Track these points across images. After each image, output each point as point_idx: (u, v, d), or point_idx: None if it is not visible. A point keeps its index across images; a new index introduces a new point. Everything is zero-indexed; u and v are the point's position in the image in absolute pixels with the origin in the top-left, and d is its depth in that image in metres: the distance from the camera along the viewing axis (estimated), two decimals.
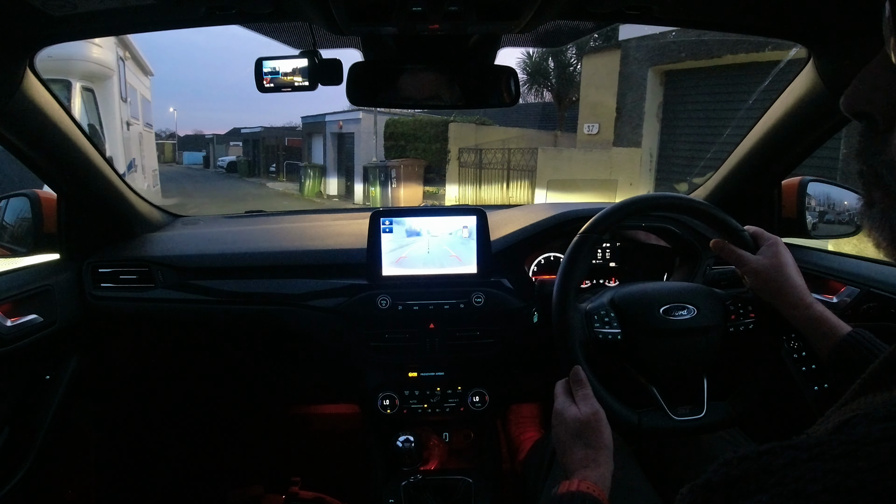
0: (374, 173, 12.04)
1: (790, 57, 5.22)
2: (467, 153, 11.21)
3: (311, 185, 15.98)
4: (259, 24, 0.95)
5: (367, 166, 12.76)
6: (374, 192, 12.04)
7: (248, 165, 26.60)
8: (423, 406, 1.20)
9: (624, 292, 0.95)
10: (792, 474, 0.26)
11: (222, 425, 1.65)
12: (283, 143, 24.59)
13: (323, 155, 17.00)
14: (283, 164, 22.47)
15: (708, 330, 0.90)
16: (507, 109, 15.67)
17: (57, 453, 1.16)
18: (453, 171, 11.44)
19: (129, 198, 1.25)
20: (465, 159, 11.20)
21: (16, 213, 1.15)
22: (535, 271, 1.33)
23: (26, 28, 0.81)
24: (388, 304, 1.14)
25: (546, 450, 1.05)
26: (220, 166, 28.92)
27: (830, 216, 1.23)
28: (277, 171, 23.27)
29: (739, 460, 0.29)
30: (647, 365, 0.90)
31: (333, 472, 1.53)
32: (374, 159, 13.13)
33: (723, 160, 1.31)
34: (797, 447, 0.28)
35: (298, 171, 18.18)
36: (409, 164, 11.83)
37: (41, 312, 1.04)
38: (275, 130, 26.95)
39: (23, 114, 0.91)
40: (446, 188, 11.59)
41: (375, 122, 13.71)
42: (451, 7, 0.77)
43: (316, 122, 17.45)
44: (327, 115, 16.17)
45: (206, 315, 1.21)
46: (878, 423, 0.28)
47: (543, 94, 14.87)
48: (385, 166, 11.95)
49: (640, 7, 0.84)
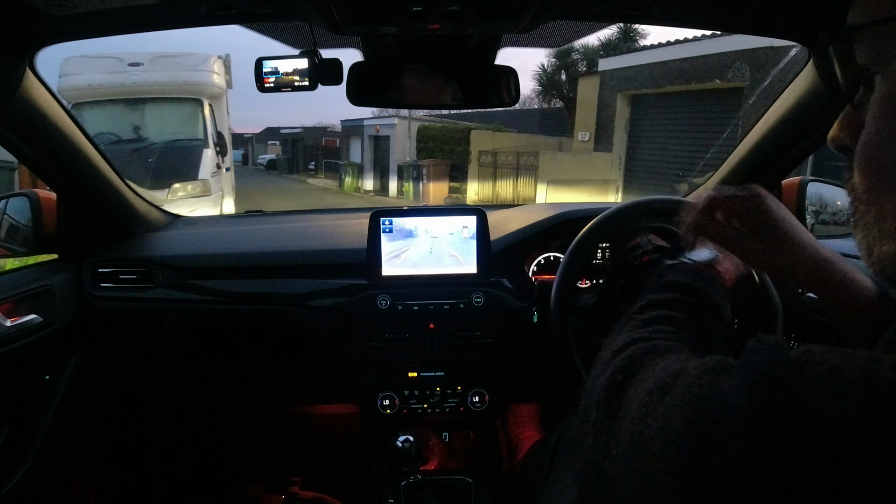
0: (408, 171, 14.13)
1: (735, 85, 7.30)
2: (485, 155, 13.07)
3: (350, 182, 17.84)
4: (259, 23, 0.95)
5: (401, 165, 14.81)
6: (407, 187, 14.04)
7: (288, 163, 28.03)
8: (422, 406, 1.20)
9: None
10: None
11: (222, 425, 1.65)
12: (320, 143, 26.03)
13: (360, 154, 18.76)
14: (322, 163, 24.03)
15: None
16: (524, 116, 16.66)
17: (56, 453, 1.16)
18: (474, 170, 13.32)
19: (129, 198, 1.25)
20: (484, 160, 13.08)
21: (15, 213, 1.15)
22: (535, 271, 1.33)
23: (26, 28, 0.81)
24: (388, 304, 1.14)
25: (546, 450, 1.05)
26: (259, 164, 30.36)
27: (830, 216, 1.23)
28: (316, 168, 24.90)
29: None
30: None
31: (333, 472, 1.53)
32: (407, 159, 15.04)
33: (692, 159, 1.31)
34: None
35: (336, 168, 20.28)
36: (437, 164, 13.80)
37: (41, 312, 1.04)
38: (313, 130, 28.41)
39: (23, 113, 0.90)
40: (468, 185, 13.43)
41: (409, 127, 15.67)
42: (451, 7, 0.77)
43: (355, 126, 19.35)
44: (365, 120, 17.99)
45: (206, 315, 1.21)
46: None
47: (555, 103, 16.10)
48: (417, 165, 13.95)
49: (640, 7, 0.84)
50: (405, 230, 1.15)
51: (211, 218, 1.55)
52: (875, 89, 0.35)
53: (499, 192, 12.34)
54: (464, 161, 13.78)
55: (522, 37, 0.98)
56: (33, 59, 0.88)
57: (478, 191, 12.96)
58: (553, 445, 1.04)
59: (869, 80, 0.36)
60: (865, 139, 0.36)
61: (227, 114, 7.22)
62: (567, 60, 14.98)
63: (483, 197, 12.66)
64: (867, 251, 0.37)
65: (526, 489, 1.07)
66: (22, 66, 0.87)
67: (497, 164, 12.55)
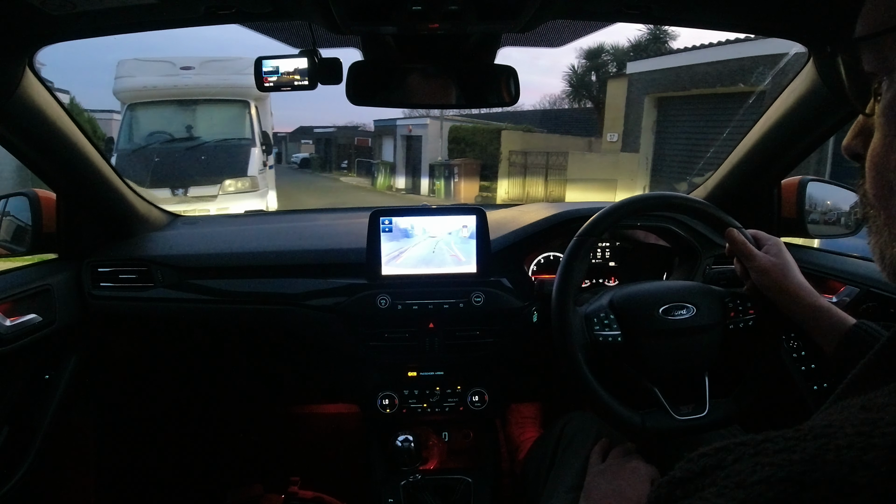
0: (440, 170, 14.73)
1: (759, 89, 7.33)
2: (515, 155, 13.40)
3: (382, 180, 18.30)
4: (259, 23, 0.95)
5: (433, 164, 15.34)
6: (439, 185, 14.56)
7: (321, 162, 28.78)
8: (422, 405, 1.20)
9: (623, 294, 0.95)
10: (738, 468, 0.27)
11: (222, 425, 1.65)
12: (353, 142, 26.55)
13: (393, 154, 19.16)
14: (355, 161, 24.32)
15: (708, 328, 0.90)
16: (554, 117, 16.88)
17: (56, 453, 1.16)
18: (504, 169, 13.67)
19: (129, 197, 1.25)
20: (514, 160, 13.40)
21: (15, 213, 1.15)
22: (535, 271, 1.33)
23: (26, 27, 0.81)
24: (388, 304, 1.14)
25: (546, 449, 1.05)
26: (293, 162, 30.68)
27: (830, 216, 1.23)
28: (349, 167, 25.30)
29: (699, 456, 0.30)
30: (648, 366, 0.90)
31: (333, 471, 1.53)
32: (438, 158, 15.51)
33: (715, 160, 1.32)
34: (748, 443, 0.29)
35: (368, 167, 20.76)
36: (468, 164, 14.18)
37: (40, 312, 1.04)
38: (346, 130, 28.78)
39: (22, 113, 0.90)
40: (498, 184, 13.75)
41: (441, 127, 16.12)
42: (450, 6, 0.77)
43: (387, 126, 19.61)
44: (398, 120, 18.26)
45: (206, 314, 1.21)
46: (829, 420, 0.29)
47: (585, 104, 16.42)
48: (448, 164, 14.44)
49: (640, 7, 0.84)
50: (405, 230, 1.15)
51: (211, 217, 1.56)
52: (882, 97, 0.36)
53: (529, 192, 12.67)
54: (494, 161, 14.09)
55: (522, 36, 0.98)
56: (33, 58, 0.88)
57: (507, 190, 13.27)
58: (553, 444, 1.04)
59: (877, 89, 0.37)
60: (873, 146, 0.37)
61: (270, 114, 7.82)
62: (597, 62, 15.20)
63: (513, 196, 12.94)
64: (880, 255, 0.38)
65: (527, 489, 1.07)
66: (21, 66, 0.87)
67: (527, 163, 12.92)
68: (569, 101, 16.95)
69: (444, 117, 15.80)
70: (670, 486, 0.30)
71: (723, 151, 7.33)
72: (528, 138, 14.10)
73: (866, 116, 0.39)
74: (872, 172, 0.37)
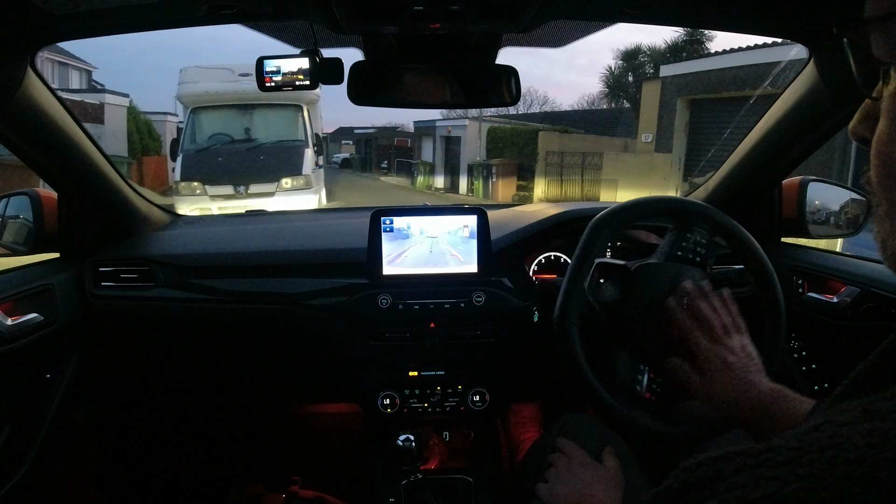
0: (478, 170, 14.97)
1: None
2: (552, 155, 13.67)
3: (422, 180, 18.72)
4: (260, 23, 0.95)
5: (471, 164, 15.64)
6: (478, 185, 14.84)
7: (361, 162, 29.49)
8: (423, 405, 1.20)
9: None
10: (739, 480, 0.26)
11: (222, 424, 1.65)
12: (393, 143, 27.16)
13: (432, 154, 19.64)
14: (395, 161, 24.92)
15: None
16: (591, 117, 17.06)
17: (57, 452, 1.16)
18: (541, 169, 13.95)
19: (130, 196, 1.25)
20: (551, 160, 13.69)
21: (16, 212, 1.15)
22: (536, 270, 1.33)
23: (27, 27, 0.81)
24: (389, 304, 1.14)
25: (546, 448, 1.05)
26: (334, 162, 31.30)
27: (831, 216, 1.23)
28: (389, 167, 25.84)
29: (696, 466, 0.29)
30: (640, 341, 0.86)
31: (334, 471, 1.53)
32: (477, 159, 15.84)
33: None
34: (748, 453, 0.27)
35: (407, 167, 21.34)
36: (505, 164, 14.47)
37: (42, 311, 1.04)
38: (385, 131, 29.41)
39: (24, 113, 0.90)
40: (535, 183, 13.99)
41: (480, 128, 16.49)
42: (452, 6, 0.77)
43: (427, 127, 20.10)
44: (437, 121, 18.62)
45: (207, 314, 1.21)
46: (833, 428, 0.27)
47: (622, 104, 16.71)
48: (487, 164, 14.70)
49: (641, 7, 0.84)
50: (406, 230, 1.15)
51: (212, 217, 1.56)
52: (890, 82, 0.35)
53: (566, 191, 13.00)
54: (531, 161, 14.34)
55: (523, 36, 0.98)
56: (34, 58, 0.88)
57: (545, 189, 13.57)
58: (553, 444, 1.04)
59: (885, 73, 0.36)
60: (879, 132, 0.36)
61: (320, 118, 8.58)
62: (634, 62, 15.17)
63: (550, 195, 13.20)
64: (882, 244, 0.37)
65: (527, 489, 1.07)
66: (23, 66, 0.87)
67: (563, 164, 13.25)
68: (606, 102, 17.27)
69: (483, 118, 16.17)
70: (666, 496, 0.29)
71: None
72: (565, 139, 14.31)
73: (873, 101, 0.38)
74: (877, 160, 0.36)
